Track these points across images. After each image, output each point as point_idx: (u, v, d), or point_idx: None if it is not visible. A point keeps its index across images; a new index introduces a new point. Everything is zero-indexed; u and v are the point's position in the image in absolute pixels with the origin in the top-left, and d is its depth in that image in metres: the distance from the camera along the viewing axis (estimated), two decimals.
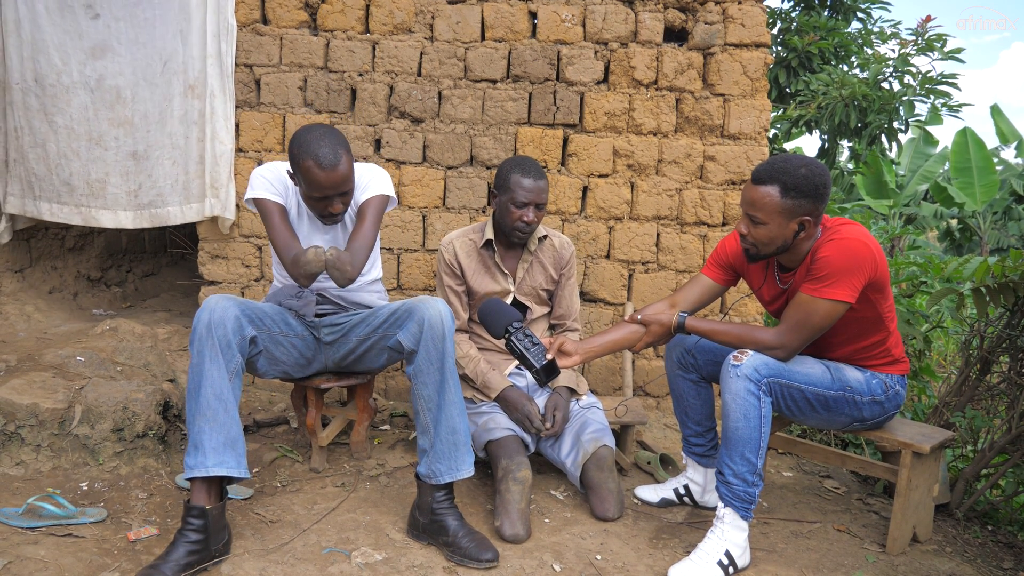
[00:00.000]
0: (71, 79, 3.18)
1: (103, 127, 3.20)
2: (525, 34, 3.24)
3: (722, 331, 2.19)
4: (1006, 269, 2.58)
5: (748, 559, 2.13)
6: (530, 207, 2.49)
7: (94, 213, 3.27)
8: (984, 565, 2.35)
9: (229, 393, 2.00)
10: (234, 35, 3.16)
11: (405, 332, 2.19)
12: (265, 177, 2.29)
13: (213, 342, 2.00)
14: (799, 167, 2.01)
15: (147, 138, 3.21)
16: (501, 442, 2.37)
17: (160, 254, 4.75)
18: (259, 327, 2.21)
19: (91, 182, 3.25)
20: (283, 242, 2.23)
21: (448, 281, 2.64)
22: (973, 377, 2.89)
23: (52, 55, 3.16)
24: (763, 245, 2.09)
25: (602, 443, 2.40)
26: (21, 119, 3.24)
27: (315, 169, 2.09)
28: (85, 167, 3.24)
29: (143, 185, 3.24)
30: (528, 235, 2.56)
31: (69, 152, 3.23)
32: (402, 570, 1.99)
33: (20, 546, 1.92)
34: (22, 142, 3.26)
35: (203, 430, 1.95)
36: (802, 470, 3.00)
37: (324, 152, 2.08)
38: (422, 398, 2.15)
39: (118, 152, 3.22)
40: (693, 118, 3.24)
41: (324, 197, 2.15)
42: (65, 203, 3.28)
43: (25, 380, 2.53)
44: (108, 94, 3.18)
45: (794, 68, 4.84)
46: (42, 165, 3.26)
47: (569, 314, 2.75)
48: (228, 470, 1.95)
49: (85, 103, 3.20)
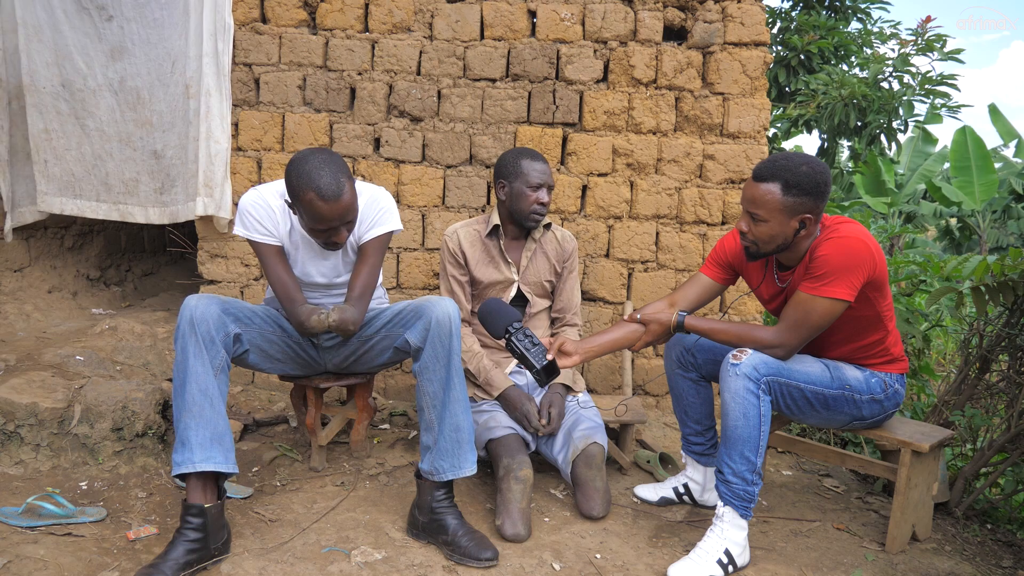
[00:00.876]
0: (96, 82, 3.27)
1: (130, 128, 3.30)
2: (524, 33, 3.24)
3: (721, 330, 2.19)
4: (1005, 268, 2.58)
5: (748, 558, 2.13)
6: (544, 188, 2.53)
7: (130, 209, 3.41)
8: (983, 563, 2.35)
9: (215, 389, 1.99)
10: (231, 34, 3.16)
11: (413, 331, 2.19)
12: (252, 216, 2.20)
13: (196, 338, 1.99)
14: (800, 165, 2.01)
15: (163, 138, 3.28)
16: (502, 440, 2.37)
17: (159, 253, 4.75)
18: (245, 324, 2.19)
19: (126, 181, 3.37)
20: (283, 292, 2.21)
21: (452, 270, 2.64)
22: (972, 376, 2.89)
23: (76, 59, 3.25)
24: (763, 243, 2.09)
25: (592, 440, 2.40)
26: (53, 122, 3.33)
27: (317, 202, 2.00)
28: (119, 167, 3.35)
29: (164, 183, 3.34)
30: (542, 218, 2.58)
31: (104, 153, 3.34)
32: (402, 569, 1.99)
33: (20, 545, 1.92)
34: (56, 144, 3.36)
35: (189, 426, 1.94)
36: (801, 469, 3.00)
37: (326, 183, 2.00)
38: (427, 395, 2.15)
39: (143, 152, 3.32)
40: (692, 117, 3.24)
41: (327, 228, 2.09)
42: (104, 201, 3.42)
43: (24, 379, 2.53)
44: (130, 95, 3.27)
45: (794, 67, 4.84)
46: (79, 166, 3.38)
47: (569, 308, 2.75)
48: (216, 465, 1.94)
49: (111, 105, 3.29)
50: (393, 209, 2.30)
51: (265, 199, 2.23)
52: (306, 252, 2.30)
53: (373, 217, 2.26)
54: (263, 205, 2.22)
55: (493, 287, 2.63)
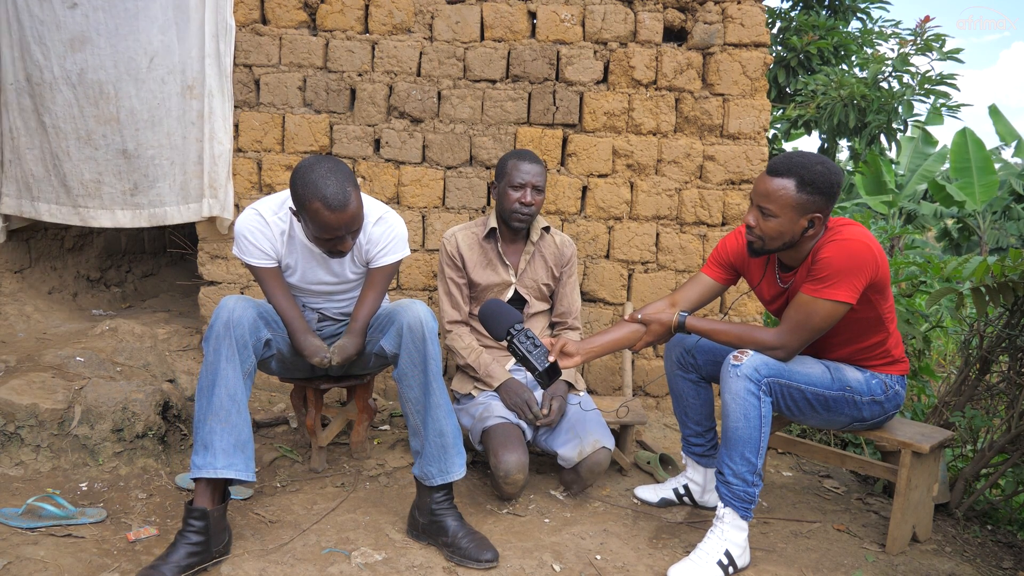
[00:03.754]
0: (52, 74, 3.07)
1: (90, 124, 3.11)
2: (524, 34, 3.24)
3: (722, 331, 2.19)
4: (1005, 269, 2.58)
5: (748, 559, 2.13)
6: (527, 188, 2.52)
7: (92, 213, 3.23)
8: (983, 564, 2.35)
9: (243, 394, 2.00)
10: (232, 35, 3.15)
11: (387, 338, 2.20)
12: (248, 240, 2.20)
13: (231, 341, 1.98)
14: (816, 164, 2.01)
15: (137, 136, 3.13)
16: (492, 431, 2.38)
17: (160, 254, 4.75)
18: (275, 330, 2.21)
19: (85, 182, 3.18)
20: (287, 320, 2.23)
21: (450, 273, 2.64)
22: (972, 377, 2.89)
23: (34, 50, 3.06)
24: (770, 239, 2.08)
25: (602, 445, 2.39)
26: (16, 119, 3.21)
27: (324, 211, 1.99)
28: (77, 167, 3.17)
29: (139, 184, 3.19)
30: (528, 219, 2.57)
31: (60, 152, 3.16)
32: (402, 570, 1.99)
33: (20, 546, 1.92)
34: (18, 143, 3.22)
35: (214, 430, 1.94)
36: (802, 470, 3.00)
37: (332, 192, 1.98)
38: (409, 401, 2.16)
39: (108, 151, 3.15)
40: (692, 118, 3.24)
41: (333, 237, 2.08)
42: (63, 204, 3.23)
43: (25, 380, 2.53)
44: (91, 89, 3.08)
45: (793, 68, 4.83)
46: (39, 166, 3.22)
47: (570, 312, 2.75)
48: (237, 473, 1.95)
49: (69, 99, 3.10)
50: (405, 236, 2.33)
51: (261, 215, 2.22)
52: (307, 260, 2.30)
53: (386, 245, 2.28)
54: (259, 224, 2.21)
55: (490, 290, 2.64)
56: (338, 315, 2.47)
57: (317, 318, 2.45)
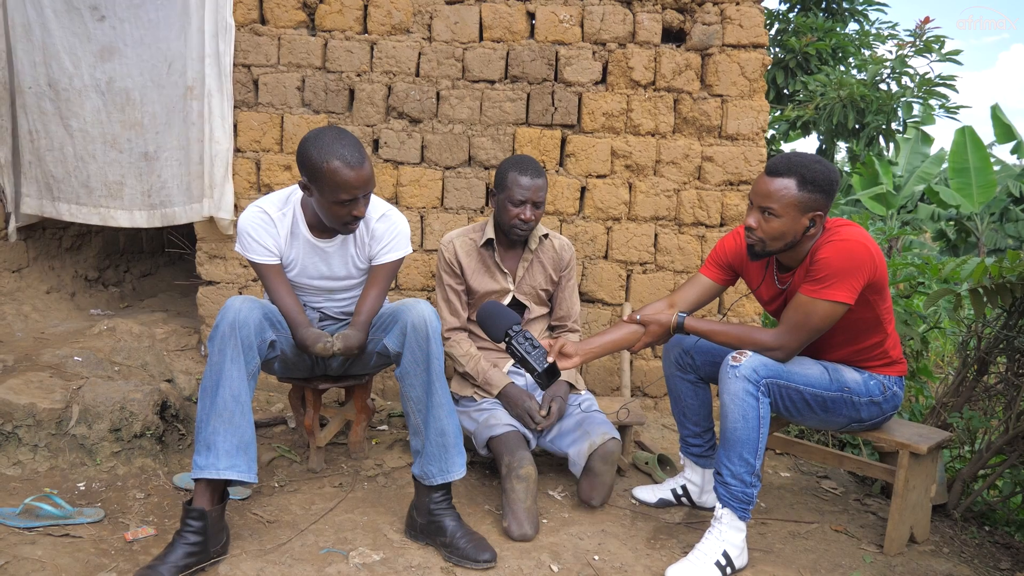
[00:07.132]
0: (82, 82, 3.22)
1: (116, 129, 3.25)
2: (523, 35, 3.24)
3: (721, 331, 2.19)
4: (1003, 270, 2.58)
5: (746, 559, 2.13)
6: (527, 205, 2.49)
7: (112, 213, 3.35)
8: (981, 566, 2.35)
9: (246, 395, 1.99)
10: (232, 34, 3.15)
11: (390, 336, 2.20)
12: (250, 236, 2.21)
13: (236, 342, 1.97)
14: (814, 162, 2.02)
15: (156, 139, 3.25)
16: (502, 438, 2.37)
17: (158, 254, 4.74)
18: (279, 331, 2.20)
19: (109, 183, 3.31)
20: (288, 314, 2.22)
21: (448, 280, 2.64)
22: (970, 378, 2.90)
23: (63, 59, 3.20)
24: (772, 240, 2.08)
25: (611, 436, 2.39)
26: (36, 123, 3.30)
27: (344, 169, 2.01)
28: (102, 169, 3.30)
29: (154, 186, 3.30)
30: (526, 233, 2.56)
31: (86, 155, 3.28)
32: (400, 570, 1.99)
33: (17, 546, 1.92)
34: (38, 145, 3.32)
35: (217, 431, 1.93)
36: (800, 470, 3.00)
37: (349, 151, 2.02)
38: (411, 400, 2.15)
39: (131, 154, 3.27)
40: (691, 119, 3.24)
41: (351, 199, 2.07)
42: (84, 204, 3.35)
43: (22, 380, 2.52)
44: (118, 96, 3.22)
45: (792, 69, 4.85)
46: (60, 167, 3.33)
47: (570, 316, 2.75)
48: (239, 474, 1.94)
49: (97, 106, 3.24)
50: (407, 233, 2.34)
51: (264, 210, 2.23)
52: (308, 255, 2.30)
53: (390, 241, 2.29)
54: (262, 220, 2.22)
55: (488, 296, 2.63)
56: (339, 314, 2.47)
57: (318, 317, 2.45)
